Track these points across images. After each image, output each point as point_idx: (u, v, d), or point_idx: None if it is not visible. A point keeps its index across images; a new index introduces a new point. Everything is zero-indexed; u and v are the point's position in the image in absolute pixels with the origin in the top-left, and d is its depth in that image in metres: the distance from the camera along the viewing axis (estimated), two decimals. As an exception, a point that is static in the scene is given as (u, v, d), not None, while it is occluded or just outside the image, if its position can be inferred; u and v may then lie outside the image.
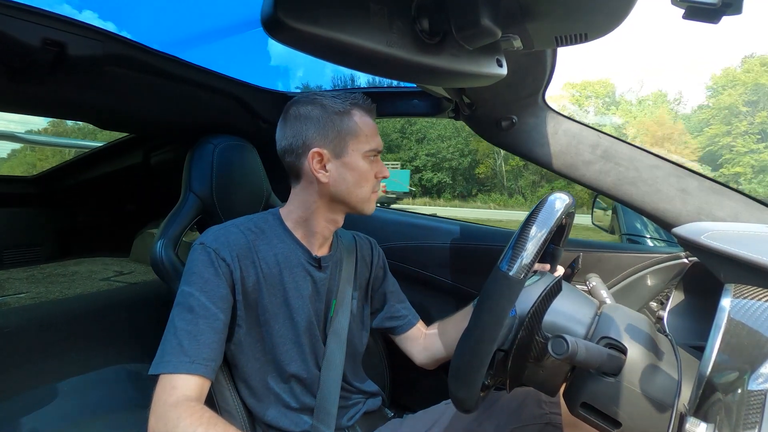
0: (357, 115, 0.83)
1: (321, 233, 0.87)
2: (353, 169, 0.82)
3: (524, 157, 0.95)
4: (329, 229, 0.88)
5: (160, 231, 1.00)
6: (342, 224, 0.90)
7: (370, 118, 0.86)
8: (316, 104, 0.82)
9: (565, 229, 0.74)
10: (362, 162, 0.83)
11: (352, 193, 0.83)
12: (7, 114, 4.80)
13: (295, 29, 0.36)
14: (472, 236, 1.27)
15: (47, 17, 0.81)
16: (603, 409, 0.55)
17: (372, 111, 0.86)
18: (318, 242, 0.87)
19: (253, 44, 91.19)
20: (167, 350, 0.70)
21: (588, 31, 0.50)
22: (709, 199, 0.77)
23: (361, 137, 0.82)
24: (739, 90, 26.89)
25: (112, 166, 2.23)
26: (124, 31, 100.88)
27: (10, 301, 1.97)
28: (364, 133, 0.83)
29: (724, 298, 0.54)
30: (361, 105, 0.85)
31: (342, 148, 0.81)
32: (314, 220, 0.85)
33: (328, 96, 0.84)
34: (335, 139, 0.81)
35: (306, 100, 0.84)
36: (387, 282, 1.02)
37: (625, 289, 1.06)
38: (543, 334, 0.59)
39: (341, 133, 0.81)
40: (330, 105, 0.82)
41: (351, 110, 0.83)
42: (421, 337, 1.02)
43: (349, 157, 0.82)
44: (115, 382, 1.49)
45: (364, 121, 0.84)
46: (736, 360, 0.47)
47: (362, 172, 0.83)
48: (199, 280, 0.75)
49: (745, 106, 26.48)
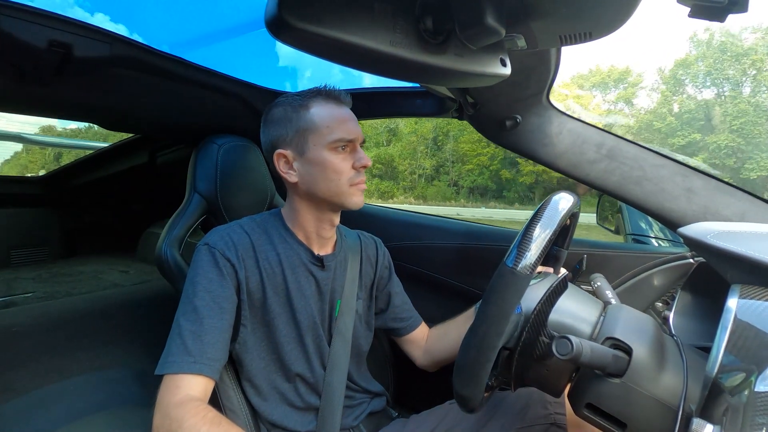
0: (315, 107, 0.80)
1: (317, 233, 0.86)
2: (318, 164, 0.79)
3: (528, 156, 0.95)
4: (325, 229, 0.87)
5: (165, 231, 1.00)
6: (338, 222, 0.88)
7: (335, 105, 0.81)
8: (278, 106, 0.82)
9: (569, 230, 0.74)
10: (327, 155, 0.79)
11: (324, 188, 0.80)
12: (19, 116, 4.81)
13: (298, 29, 0.36)
14: (476, 236, 1.27)
15: (53, 19, 0.82)
16: (608, 410, 0.55)
17: (337, 98, 0.82)
18: (318, 242, 0.87)
19: (261, 46, 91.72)
20: (172, 350, 0.70)
21: (592, 30, 0.50)
22: (715, 199, 0.76)
23: (321, 129, 0.79)
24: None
25: (117, 167, 2.25)
26: (134, 33, 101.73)
27: (17, 301, 1.98)
28: (324, 125, 0.79)
29: (731, 298, 0.53)
30: (321, 94, 0.81)
31: (303, 144, 0.80)
32: (304, 220, 0.85)
33: (292, 94, 0.83)
34: (295, 137, 0.80)
35: (273, 103, 0.84)
36: (392, 283, 1.02)
37: (630, 290, 1.05)
38: (548, 333, 0.59)
39: (299, 129, 0.80)
40: (289, 103, 0.81)
41: (308, 104, 0.80)
42: (423, 339, 1.02)
43: (311, 153, 0.80)
44: (121, 381, 1.50)
45: (324, 112, 0.80)
46: (743, 361, 0.47)
47: (330, 166, 0.79)
48: (204, 280, 0.75)
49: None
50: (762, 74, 26.68)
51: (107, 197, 2.77)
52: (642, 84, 33.07)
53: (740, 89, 27.39)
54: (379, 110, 1.33)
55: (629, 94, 32.40)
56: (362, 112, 1.34)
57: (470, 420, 0.85)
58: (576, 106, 33.93)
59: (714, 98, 28.10)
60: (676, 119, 27.57)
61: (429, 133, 25.15)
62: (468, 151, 26.78)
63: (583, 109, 33.88)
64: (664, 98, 30.06)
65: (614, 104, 15.86)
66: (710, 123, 26.37)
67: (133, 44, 0.94)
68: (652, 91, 32.17)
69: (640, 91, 32.69)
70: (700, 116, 27.73)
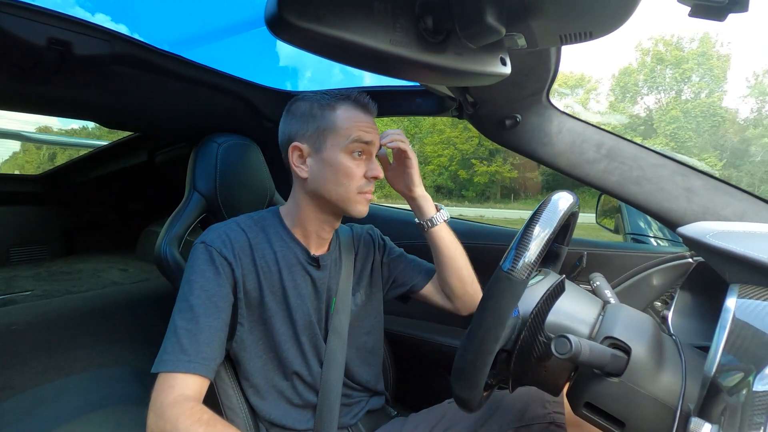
0: (341, 109, 0.80)
1: (316, 233, 0.86)
2: (331, 165, 0.79)
3: (528, 155, 0.95)
4: (325, 230, 0.86)
5: (164, 229, 1.00)
6: (338, 226, 0.88)
7: (362, 113, 0.81)
8: (305, 100, 0.82)
9: (569, 229, 0.74)
10: (343, 158, 0.79)
11: (332, 191, 0.80)
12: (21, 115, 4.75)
13: (298, 28, 0.36)
14: (476, 235, 1.27)
15: (53, 17, 0.82)
16: (607, 409, 0.55)
17: (365, 106, 0.82)
18: (316, 242, 0.87)
19: (262, 44, 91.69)
20: (167, 348, 0.70)
21: (593, 29, 0.50)
22: (714, 198, 0.76)
23: (341, 132, 0.79)
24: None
25: (117, 165, 2.25)
26: (135, 32, 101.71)
27: (16, 299, 1.98)
28: (345, 127, 0.79)
29: (730, 298, 0.53)
30: (350, 99, 0.81)
31: (321, 143, 0.80)
32: (306, 219, 0.85)
33: (322, 93, 0.83)
34: (314, 134, 0.80)
35: (300, 96, 0.84)
36: (389, 252, 1.00)
37: (629, 289, 1.05)
38: (546, 334, 0.59)
39: (320, 127, 0.80)
40: (316, 100, 0.81)
41: (335, 104, 0.80)
42: (437, 287, 0.99)
43: (327, 153, 0.79)
44: (120, 379, 1.50)
45: (349, 116, 0.80)
46: (741, 360, 0.47)
47: (342, 169, 0.79)
48: (200, 279, 0.75)
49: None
50: (689, 83, 28.37)
51: (107, 196, 2.77)
52: (598, 90, 34.75)
53: (673, 96, 29.14)
54: (379, 109, 1.32)
55: (584, 100, 33.86)
56: None
57: (469, 419, 0.85)
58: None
59: (654, 105, 30.07)
60: (620, 124, 29.58)
61: (395, 135, 26.97)
62: (430, 153, 28.35)
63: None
64: (610, 105, 32.20)
65: (569, 108, 16.78)
66: (652, 127, 28.09)
67: (132, 42, 0.94)
68: (606, 97, 34.07)
69: (599, 96, 34.37)
70: (640, 121, 29.67)
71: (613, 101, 31.95)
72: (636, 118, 29.80)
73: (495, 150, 26.53)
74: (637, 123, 29.35)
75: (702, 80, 27.75)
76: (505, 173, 26.49)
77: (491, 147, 26.21)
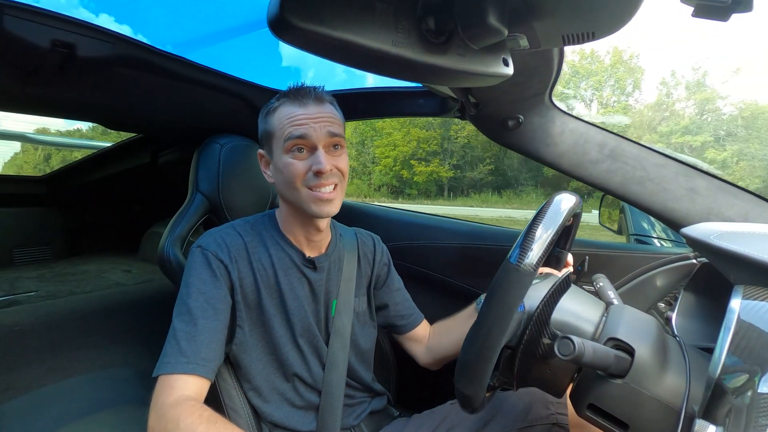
0: (279, 110, 0.78)
1: (304, 236, 0.85)
2: (280, 169, 0.78)
3: (531, 156, 0.94)
4: (311, 233, 0.85)
5: (167, 230, 1.01)
6: (324, 227, 0.85)
7: (297, 107, 0.76)
8: (264, 107, 0.83)
9: (571, 231, 0.73)
10: (285, 159, 0.77)
11: (287, 194, 0.79)
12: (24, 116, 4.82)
13: (300, 29, 0.36)
14: (477, 236, 1.26)
15: (57, 19, 0.82)
16: (610, 410, 0.55)
17: (300, 99, 0.77)
18: (308, 244, 0.87)
19: (265, 45, 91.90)
20: (167, 352, 0.71)
21: (595, 30, 0.50)
22: (718, 199, 0.76)
23: (277, 133, 0.77)
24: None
25: (120, 167, 2.26)
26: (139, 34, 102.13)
27: (20, 300, 1.99)
28: (280, 128, 0.77)
29: (734, 299, 0.53)
30: (288, 96, 0.78)
31: (270, 148, 0.80)
32: (292, 224, 0.85)
33: (277, 96, 0.82)
34: (264, 140, 0.81)
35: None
36: (391, 279, 1.01)
37: (632, 290, 1.04)
38: (550, 332, 0.59)
39: (267, 133, 0.80)
40: (265, 105, 0.81)
41: (276, 106, 0.79)
42: (425, 337, 1.01)
43: (275, 157, 0.79)
44: (123, 380, 1.51)
45: (282, 115, 0.77)
46: (746, 362, 0.46)
47: (286, 171, 0.76)
48: (197, 282, 0.76)
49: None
50: (598, 93, 29.48)
51: (110, 197, 2.78)
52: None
53: (586, 106, 30.20)
54: (381, 110, 1.33)
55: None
56: (364, 112, 1.34)
57: (472, 420, 0.85)
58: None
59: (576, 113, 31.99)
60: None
61: (353, 137, 29.01)
62: (378, 154, 29.99)
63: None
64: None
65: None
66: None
67: (136, 44, 0.95)
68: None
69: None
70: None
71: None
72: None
73: (433, 152, 27.92)
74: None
75: (612, 90, 29.12)
76: (443, 173, 27.88)
77: (429, 149, 27.79)
